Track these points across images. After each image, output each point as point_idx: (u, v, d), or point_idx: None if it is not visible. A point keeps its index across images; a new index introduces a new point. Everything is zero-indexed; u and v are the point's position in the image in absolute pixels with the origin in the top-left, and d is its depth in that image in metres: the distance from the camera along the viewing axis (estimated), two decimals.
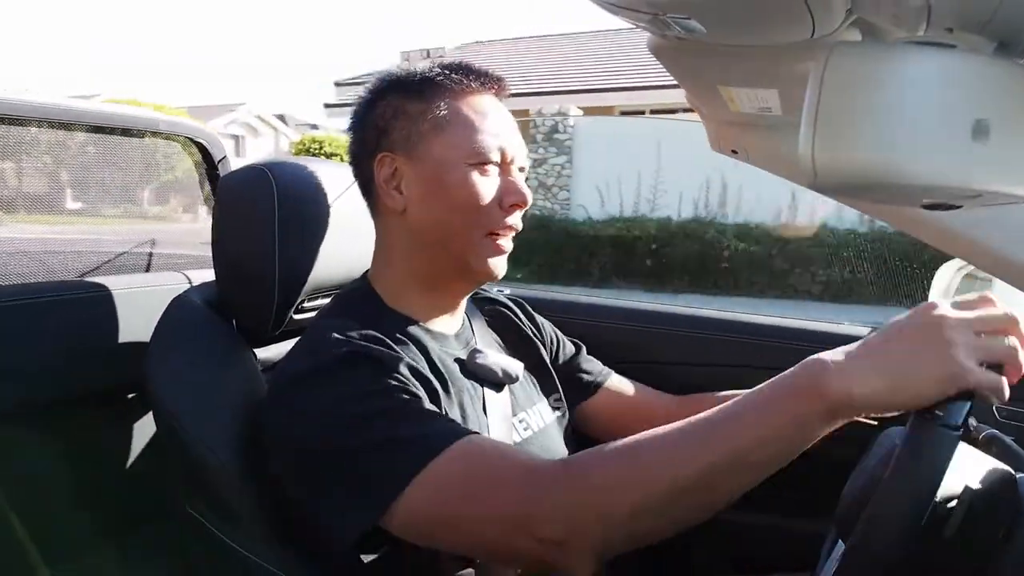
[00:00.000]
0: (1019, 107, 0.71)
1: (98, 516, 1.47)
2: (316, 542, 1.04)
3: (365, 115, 1.22)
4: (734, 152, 1.51)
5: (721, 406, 0.90)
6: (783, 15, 0.79)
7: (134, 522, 1.54)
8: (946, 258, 1.69)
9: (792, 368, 0.88)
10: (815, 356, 0.86)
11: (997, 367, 0.81)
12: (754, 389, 0.90)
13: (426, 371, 1.11)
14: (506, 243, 1.21)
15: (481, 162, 1.16)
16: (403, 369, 1.05)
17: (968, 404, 0.79)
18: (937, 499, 0.81)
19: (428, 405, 1.03)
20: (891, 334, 0.84)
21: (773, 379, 0.89)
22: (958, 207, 0.80)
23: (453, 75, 1.19)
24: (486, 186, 1.17)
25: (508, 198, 1.18)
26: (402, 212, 1.18)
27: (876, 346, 0.84)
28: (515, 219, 1.21)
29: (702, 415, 0.90)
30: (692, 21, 0.82)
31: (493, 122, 1.19)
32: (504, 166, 1.20)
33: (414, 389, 1.03)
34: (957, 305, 0.83)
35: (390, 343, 1.09)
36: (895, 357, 0.81)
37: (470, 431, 1.00)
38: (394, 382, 1.02)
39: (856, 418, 0.84)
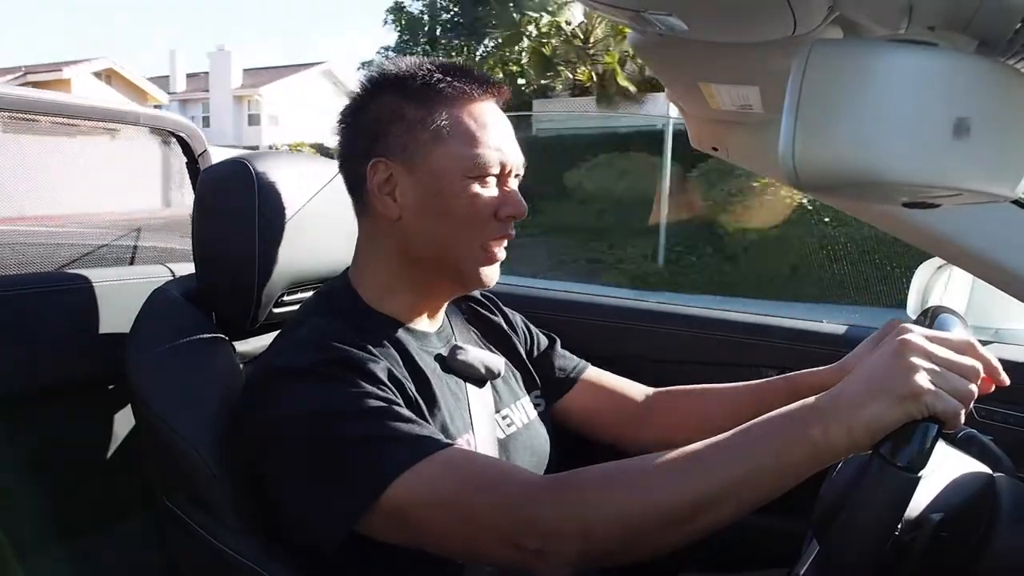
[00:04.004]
0: (1000, 106, 0.71)
1: (75, 507, 1.46)
2: (298, 538, 1.04)
3: (357, 112, 1.19)
4: (715, 149, 1.51)
5: (711, 439, 0.92)
6: (764, 12, 0.79)
7: (111, 514, 1.53)
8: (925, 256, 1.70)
9: (787, 409, 0.90)
10: (804, 403, 0.89)
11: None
12: (745, 426, 0.91)
13: (406, 377, 1.12)
14: (500, 252, 1.20)
15: (481, 175, 1.14)
16: (385, 378, 1.05)
17: (934, 429, 0.82)
18: (905, 522, 0.83)
19: (411, 414, 1.03)
20: (864, 369, 0.87)
21: (767, 416, 0.91)
22: (938, 205, 0.80)
23: (456, 81, 1.15)
24: (484, 199, 1.14)
25: (505, 209, 1.16)
26: (396, 219, 1.16)
27: (853, 387, 0.86)
28: (510, 229, 1.19)
29: (693, 447, 0.92)
30: (673, 18, 0.82)
31: (494, 132, 1.16)
32: (502, 177, 1.18)
33: (395, 398, 1.04)
34: (924, 335, 0.86)
35: (371, 349, 1.09)
36: (866, 391, 0.84)
37: (456, 442, 1.02)
38: (380, 389, 1.02)
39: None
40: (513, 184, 1.20)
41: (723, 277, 11.58)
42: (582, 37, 15.88)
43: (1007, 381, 0.89)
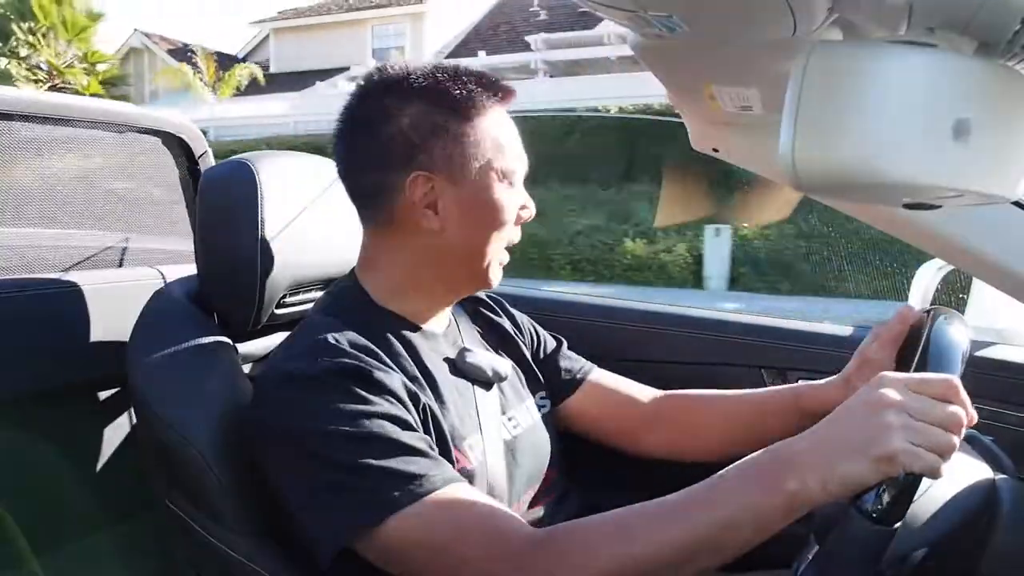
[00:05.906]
0: (1000, 107, 0.71)
1: (75, 510, 1.46)
2: (300, 542, 1.03)
3: (381, 123, 1.14)
4: (715, 151, 1.50)
5: (689, 488, 0.92)
6: (764, 13, 0.79)
7: (111, 516, 1.53)
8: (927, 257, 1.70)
9: (762, 459, 0.90)
10: (781, 450, 0.89)
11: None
12: (721, 475, 0.92)
13: (418, 378, 1.12)
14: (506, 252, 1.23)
15: (512, 182, 1.18)
16: (398, 390, 1.05)
17: (911, 481, 0.83)
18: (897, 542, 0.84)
19: (419, 439, 1.02)
20: (841, 419, 0.87)
21: (742, 465, 0.91)
22: (938, 207, 0.80)
23: (487, 91, 1.15)
24: (514, 204, 1.18)
25: (524, 212, 1.21)
26: (438, 231, 1.14)
27: (829, 437, 0.86)
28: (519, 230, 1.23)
29: (672, 497, 0.92)
30: (673, 19, 0.82)
31: (516, 139, 1.20)
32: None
33: (405, 415, 1.03)
34: (903, 384, 0.85)
35: (382, 354, 1.08)
36: (841, 447, 0.84)
37: (459, 477, 1.01)
38: (390, 405, 1.02)
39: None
40: (522, 186, 1.23)
41: None
42: (46, 72, 19.46)
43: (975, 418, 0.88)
